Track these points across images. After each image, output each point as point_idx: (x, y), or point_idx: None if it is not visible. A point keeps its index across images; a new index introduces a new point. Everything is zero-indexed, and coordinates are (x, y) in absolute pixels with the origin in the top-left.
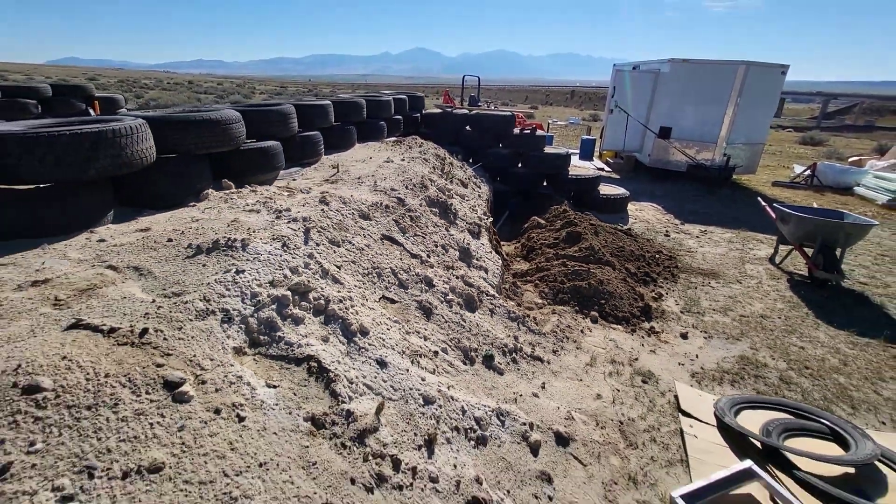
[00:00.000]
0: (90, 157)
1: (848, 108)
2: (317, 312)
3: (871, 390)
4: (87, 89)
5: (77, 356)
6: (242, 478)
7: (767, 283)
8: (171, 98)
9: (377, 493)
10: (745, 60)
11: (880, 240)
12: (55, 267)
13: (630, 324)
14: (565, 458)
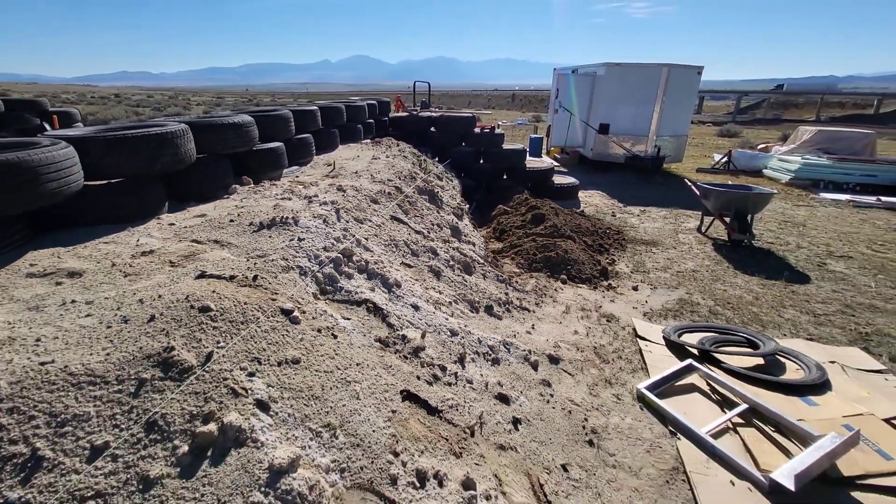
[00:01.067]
0: (156, 155)
1: (758, 104)
2: (360, 270)
3: (775, 314)
4: (42, 104)
5: (220, 290)
6: (348, 371)
7: (696, 247)
8: (107, 113)
9: (435, 386)
10: (668, 63)
11: (783, 210)
12: (150, 243)
13: (592, 283)
14: (558, 372)
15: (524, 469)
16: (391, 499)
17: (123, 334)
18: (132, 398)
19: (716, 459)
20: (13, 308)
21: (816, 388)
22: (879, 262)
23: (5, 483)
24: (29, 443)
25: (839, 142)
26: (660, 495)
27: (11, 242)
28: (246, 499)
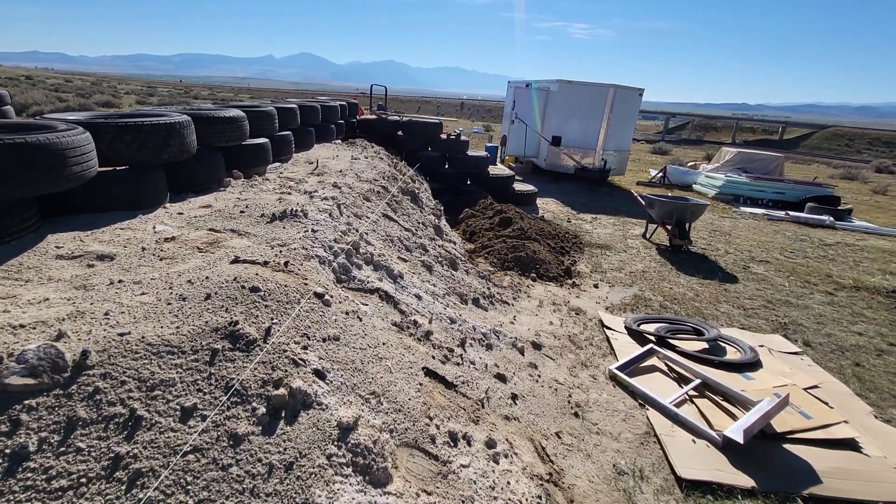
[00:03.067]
0: (164, 144)
1: (683, 125)
2: (367, 262)
3: (713, 308)
4: None
5: (262, 274)
6: (378, 349)
7: (643, 251)
8: (25, 97)
9: (447, 365)
10: (614, 84)
11: (712, 221)
12: (166, 230)
13: (559, 281)
14: (541, 356)
15: (527, 435)
16: (434, 454)
17: (186, 310)
18: (208, 366)
19: (678, 424)
20: (59, 287)
21: (751, 366)
22: (791, 266)
23: (112, 439)
24: (126, 404)
25: (755, 162)
26: (637, 454)
27: (30, 225)
28: (322, 451)
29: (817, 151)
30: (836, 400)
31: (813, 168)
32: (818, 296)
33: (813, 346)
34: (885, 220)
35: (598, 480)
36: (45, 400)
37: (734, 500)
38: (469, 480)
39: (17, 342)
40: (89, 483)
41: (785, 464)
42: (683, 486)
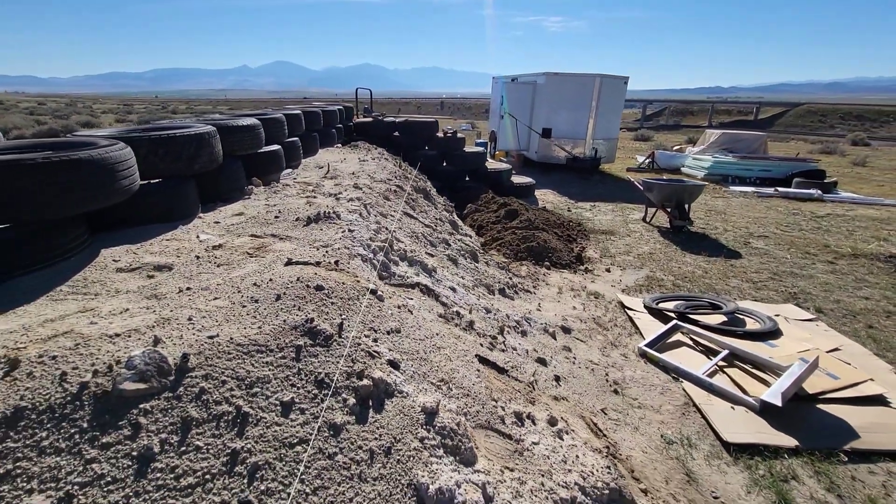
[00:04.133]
0: (195, 155)
1: (661, 112)
2: (402, 258)
3: (724, 284)
4: None
5: (320, 273)
6: (433, 339)
7: (646, 234)
8: (4, 121)
9: (494, 351)
10: (600, 73)
11: (706, 201)
12: (210, 239)
13: (572, 268)
14: (572, 340)
15: (577, 413)
16: (507, 434)
17: (261, 311)
18: (296, 362)
19: (714, 393)
20: (131, 298)
21: (773, 335)
22: (789, 239)
23: (225, 437)
24: (231, 402)
25: (739, 142)
26: (681, 424)
27: (83, 242)
28: (415, 435)
29: (792, 129)
30: (857, 360)
31: (792, 145)
32: (820, 265)
33: (825, 313)
34: (870, 191)
35: (650, 451)
36: (157, 403)
37: (781, 459)
38: (543, 456)
39: (118, 350)
40: (214, 479)
41: (822, 422)
42: (731, 449)
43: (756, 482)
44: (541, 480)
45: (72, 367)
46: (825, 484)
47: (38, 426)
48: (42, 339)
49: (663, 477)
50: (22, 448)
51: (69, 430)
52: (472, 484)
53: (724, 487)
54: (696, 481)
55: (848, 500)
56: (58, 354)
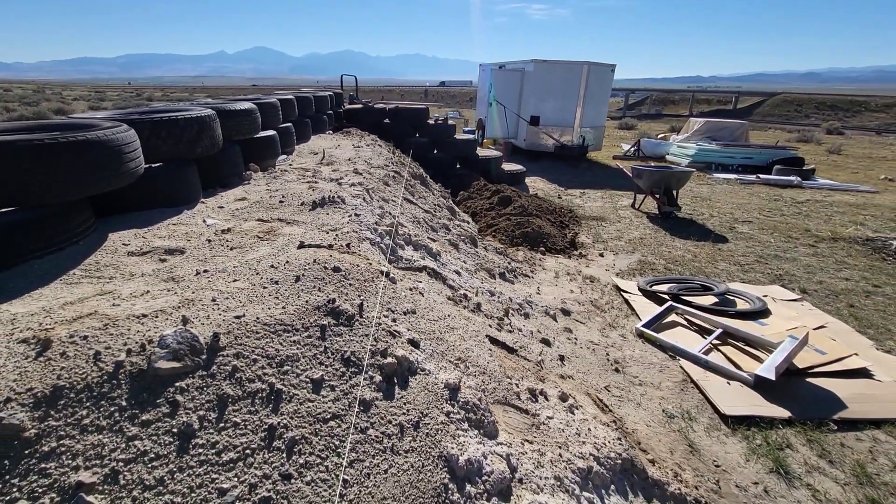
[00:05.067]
0: (197, 138)
1: (643, 101)
2: (407, 242)
3: (712, 267)
4: None
5: (335, 255)
6: (446, 320)
7: (636, 220)
8: None
9: (502, 332)
10: (587, 61)
11: (691, 188)
12: (217, 223)
13: (566, 253)
14: (572, 321)
15: (583, 391)
16: (524, 409)
17: (283, 292)
18: (321, 341)
19: (710, 370)
20: (148, 280)
21: (762, 314)
22: (772, 224)
23: (261, 413)
24: (263, 380)
25: (722, 131)
26: (680, 399)
27: (91, 226)
28: (440, 410)
29: (769, 118)
30: (841, 337)
31: (770, 133)
32: (802, 248)
33: (809, 293)
34: (845, 177)
35: (653, 424)
36: (192, 381)
37: (776, 429)
38: (558, 429)
39: (148, 330)
40: (254, 453)
41: (812, 394)
42: (729, 422)
43: (754, 451)
44: (558, 452)
45: (104, 347)
46: (817, 451)
47: (78, 405)
48: (67, 320)
49: (668, 448)
50: (64, 426)
51: (108, 409)
52: (497, 455)
53: (725, 456)
54: (698, 451)
55: (838, 464)
56: (88, 334)
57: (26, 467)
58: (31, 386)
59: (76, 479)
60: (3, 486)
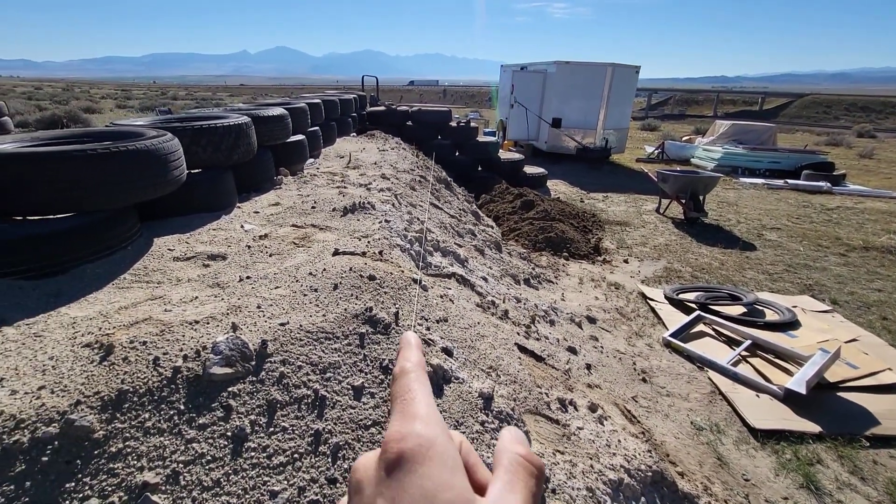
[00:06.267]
0: (235, 145)
1: (666, 101)
2: (435, 249)
3: (740, 275)
4: None
5: (367, 263)
6: (476, 328)
7: (661, 226)
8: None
9: (530, 339)
10: (611, 62)
11: (717, 192)
12: (254, 229)
13: (590, 258)
14: (598, 329)
15: (611, 400)
16: (554, 419)
17: (322, 300)
18: (360, 348)
19: (739, 382)
20: (195, 286)
21: (792, 325)
22: (801, 231)
23: (307, 418)
24: (308, 386)
25: (749, 134)
26: (709, 411)
27: (137, 231)
28: (475, 419)
29: (797, 120)
30: (874, 351)
31: (797, 136)
32: (833, 258)
33: (840, 304)
34: (878, 183)
35: (682, 436)
36: (243, 386)
37: (806, 444)
38: (588, 440)
39: (201, 336)
40: (301, 458)
41: (844, 409)
42: (758, 435)
43: (783, 465)
44: (589, 463)
45: (162, 353)
46: (849, 467)
47: (141, 408)
48: (125, 325)
49: (696, 461)
50: (129, 428)
51: (168, 412)
52: None
53: (754, 470)
54: (727, 465)
55: (871, 482)
56: (147, 340)
57: (96, 467)
58: (98, 389)
59: (142, 479)
60: (76, 485)
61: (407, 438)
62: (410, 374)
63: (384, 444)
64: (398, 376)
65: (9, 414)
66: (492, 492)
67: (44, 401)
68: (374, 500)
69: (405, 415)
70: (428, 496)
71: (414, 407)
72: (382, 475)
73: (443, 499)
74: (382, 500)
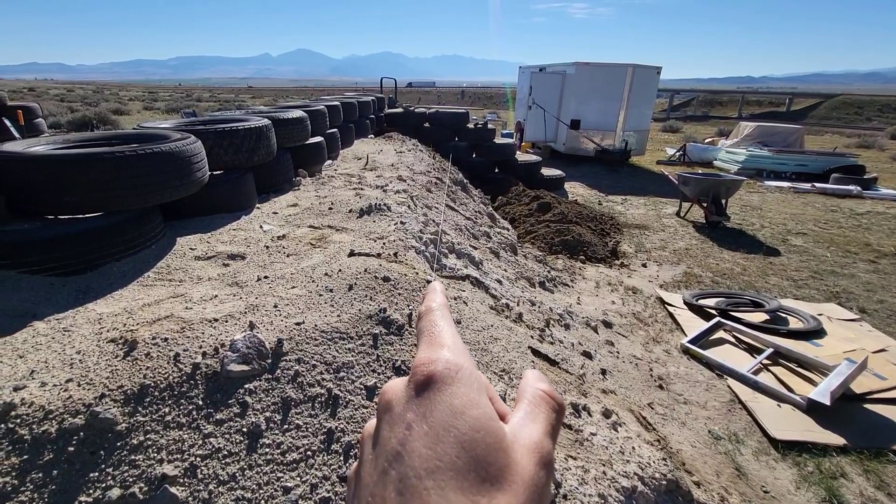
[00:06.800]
0: (255, 147)
1: (688, 102)
2: (450, 251)
3: (763, 281)
4: (0, 98)
5: (382, 265)
6: (489, 331)
7: (681, 230)
8: (44, 108)
9: (544, 343)
10: (632, 63)
11: (740, 195)
12: (273, 229)
13: (607, 262)
14: (614, 334)
15: (626, 407)
16: (567, 424)
17: (337, 300)
18: (373, 349)
19: (759, 391)
20: (215, 284)
21: (817, 334)
22: (828, 236)
23: (321, 417)
24: (322, 385)
25: (774, 136)
26: (727, 420)
27: (162, 230)
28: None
29: (826, 121)
30: None
31: (826, 138)
32: (862, 264)
33: (869, 313)
34: None
35: (699, 445)
36: (259, 384)
37: (829, 456)
38: (601, 446)
39: (220, 334)
40: (314, 455)
41: (870, 422)
42: (779, 446)
43: (805, 478)
44: (602, 469)
45: (183, 349)
46: (875, 482)
47: (161, 402)
48: (148, 321)
49: (714, 471)
50: (150, 422)
51: (187, 407)
52: None
53: (774, 482)
54: (745, 476)
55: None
56: (168, 337)
57: (118, 458)
58: (122, 384)
59: (161, 471)
60: (100, 474)
61: (436, 363)
62: (436, 312)
63: (413, 369)
64: (424, 314)
65: (38, 405)
66: (514, 418)
67: (71, 393)
68: (405, 415)
69: (432, 344)
70: (456, 412)
71: (441, 338)
72: (412, 394)
73: (470, 415)
74: (413, 414)
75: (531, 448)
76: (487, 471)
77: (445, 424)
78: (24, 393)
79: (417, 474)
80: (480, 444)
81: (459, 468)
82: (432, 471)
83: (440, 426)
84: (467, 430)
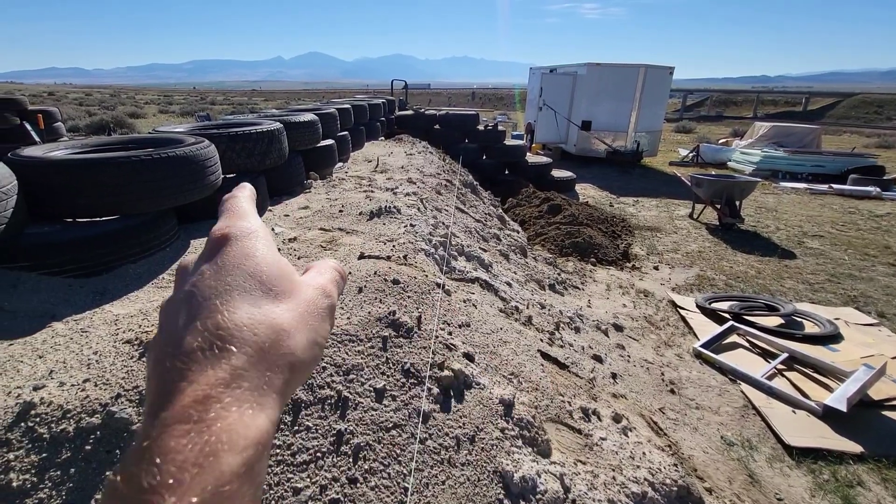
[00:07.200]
0: (267, 151)
1: (702, 102)
2: (460, 253)
3: (778, 285)
4: (21, 102)
5: (393, 267)
6: (499, 334)
7: (694, 231)
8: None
9: (553, 347)
10: (644, 64)
11: (755, 197)
12: (284, 231)
13: (618, 265)
14: (625, 338)
15: (637, 411)
16: (577, 428)
17: (347, 302)
18: (383, 352)
19: (773, 397)
20: None
21: (834, 339)
22: (846, 239)
23: (330, 418)
24: (332, 387)
25: (790, 136)
26: (741, 426)
27: (177, 233)
28: (495, 425)
29: (844, 121)
30: None
31: (844, 138)
32: (881, 268)
33: (888, 317)
34: None
35: (711, 451)
36: None
37: (846, 464)
38: (611, 451)
39: None
40: (324, 457)
41: (888, 429)
42: (793, 453)
43: (820, 486)
44: (612, 474)
45: None
46: (893, 491)
47: None
48: None
49: (726, 477)
50: None
51: None
52: (550, 474)
53: (788, 490)
54: (758, 483)
55: None
56: None
57: None
58: (137, 384)
59: None
60: None
61: (231, 227)
62: (241, 197)
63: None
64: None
65: (57, 404)
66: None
67: (88, 393)
68: (199, 267)
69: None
70: (247, 255)
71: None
72: (205, 253)
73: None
74: (207, 265)
75: (315, 285)
76: (273, 290)
77: (235, 262)
78: (44, 392)
79: (205, 296)
80: (267, 273)
81: (246, 289)
82: (220, 292)
83: (230, 265)
84: (255, 265)
